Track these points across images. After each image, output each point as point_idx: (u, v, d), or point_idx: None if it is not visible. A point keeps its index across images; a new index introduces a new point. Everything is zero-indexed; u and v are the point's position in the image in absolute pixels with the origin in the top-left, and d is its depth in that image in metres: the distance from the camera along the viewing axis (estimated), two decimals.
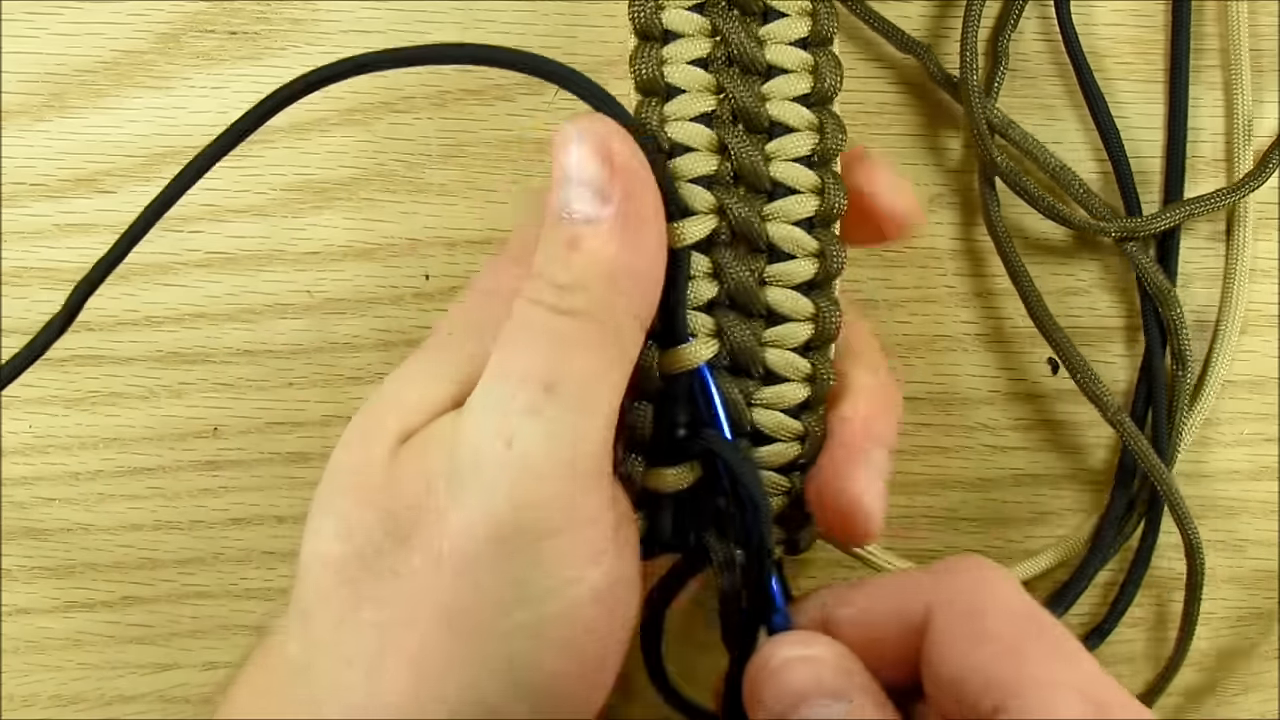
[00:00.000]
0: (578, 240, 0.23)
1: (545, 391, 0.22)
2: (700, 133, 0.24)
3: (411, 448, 0.23)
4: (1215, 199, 0.35)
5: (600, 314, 0.22)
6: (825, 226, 0.25)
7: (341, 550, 0.23)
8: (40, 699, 0.36)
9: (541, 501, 0.21)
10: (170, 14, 0.35)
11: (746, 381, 0.25)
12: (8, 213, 0.35)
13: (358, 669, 0.22)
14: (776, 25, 0.25)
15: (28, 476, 0.36)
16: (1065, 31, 0.35)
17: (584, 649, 0.22)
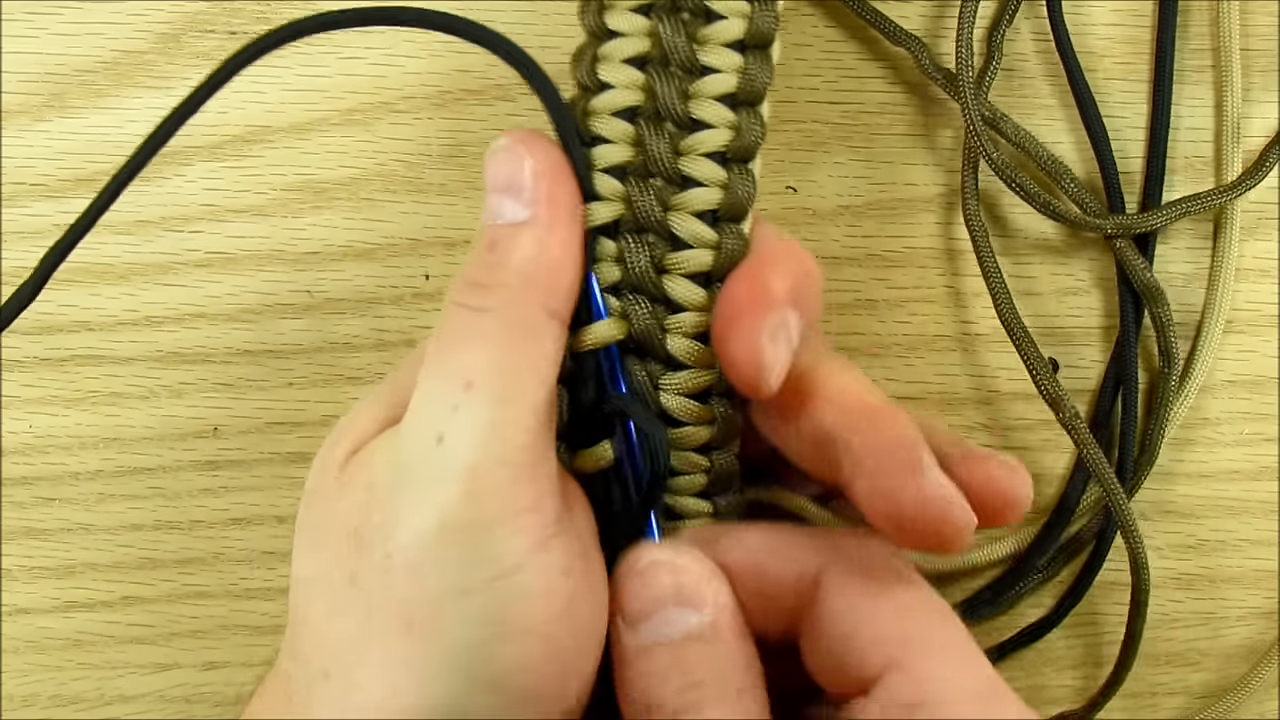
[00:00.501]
0: (495, 243, 0.24)
1: (466, 388, 0.23)
2: (618, 126, 0.26)
3: (357, 460, 0.24)
4: (1211, 197, 0.35)
5: (515, 310, 0.24)
6: (731, 220, 0.26)
7: (310, 566, 0.24)
8: (40, 699, 0.36)
9: (475, 494, 0.22)
10: (170, 14, 0.35)
11: (652, 365, 0.26)
12: (8, 213, 0.35)
13: (334, 681, 0.23)
14: (714, 27, 0.26)
15: (28, 476, 0.36)
16: (1057, 31, 0.35)
17: (544, 640, 0.23)
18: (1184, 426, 0.37)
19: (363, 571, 0.23)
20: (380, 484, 0.23)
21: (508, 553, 0.22)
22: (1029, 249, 0.36)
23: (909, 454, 0.23)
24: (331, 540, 0.24)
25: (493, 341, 0.23)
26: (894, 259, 0.36)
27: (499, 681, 0.23)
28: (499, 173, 0.25)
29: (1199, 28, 0.36)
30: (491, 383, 0.23)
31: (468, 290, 0.24)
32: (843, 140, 0.36)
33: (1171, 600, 0.37)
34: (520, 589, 0.23)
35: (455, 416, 0.23)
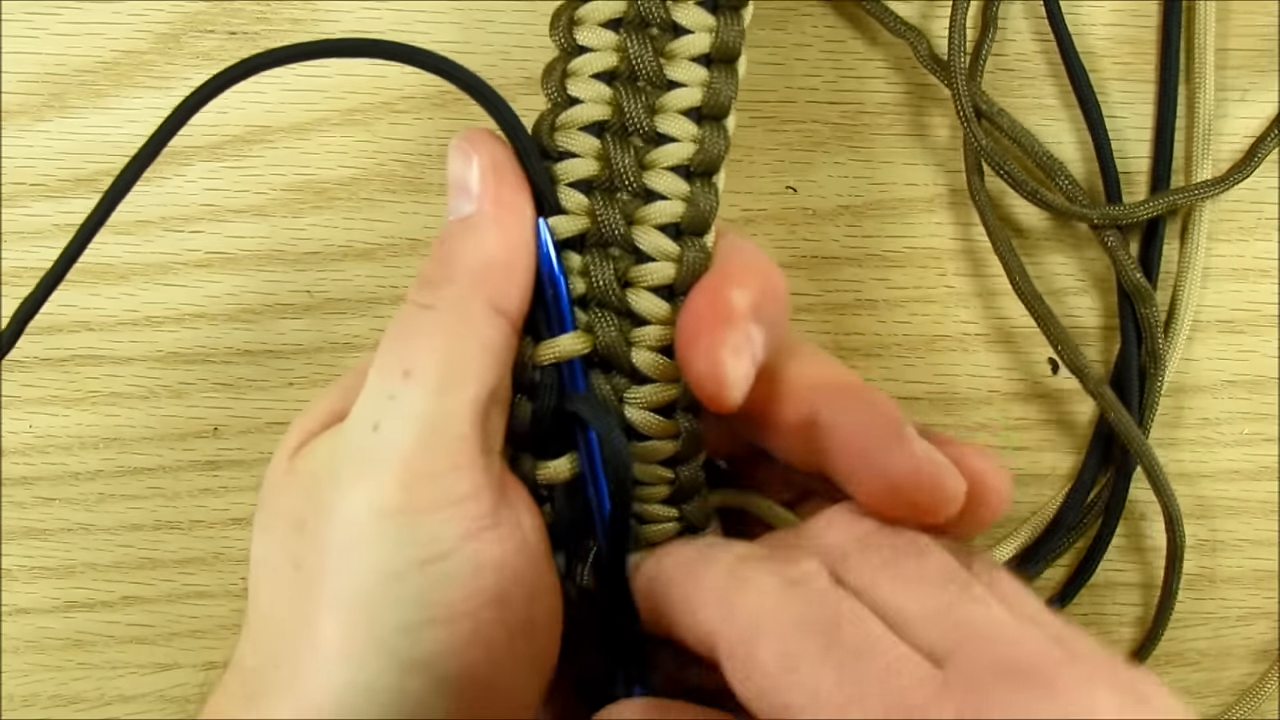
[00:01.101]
0: (445, 239, 0.25)
1: (404, 377, 0.23)
2: (585, 140, 0.26)
3: (305, 450, 0.25)
4: (1200, 190, 0.35)
5: (459, 303, 0.24)
6: (694, 234, 0.26)
7: (261, 554, 0.25)
8: (40, 699, 0.36)
9: (407, 481, 0.23)
10: (170, 14, 0.35)
11: (617, 378, 0.26)
12: (8, 213, 0.35)
13: (284, 668, 0.23)
14: (680, 41, 0.26)
15: (28, 476, 0.36)
16: (1057, 29, 0.35)
17: (473, 626, 0.23)
18: (1184, 427, 0.37)
19: (305, 559, 0.24)
20: (322, 472, 0.24)
21: (438, 539, 0.23)
22: (1025, 249, 0.36)
23: (895, 425, 0.24)
24: (279, 527, 0.24)
25: (433, 334, 0.24)
26: (894, 259, 0.36)
27: (428, 664, 0.23)
28: (451, 170, 0.25)
29: None
30: (428, 373, 0.23)
31: (419, 287, 0.25)
32: (843, 140, 0.36)
33: None
34: (448, 574, 0.23)
35: (391, 405, 0.23)
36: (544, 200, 0.26)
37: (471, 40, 0.35)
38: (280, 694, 0.23)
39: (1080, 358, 0.34)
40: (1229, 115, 0.36)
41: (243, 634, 0.25)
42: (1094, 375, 0.34)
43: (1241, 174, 0.35)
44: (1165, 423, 0.37)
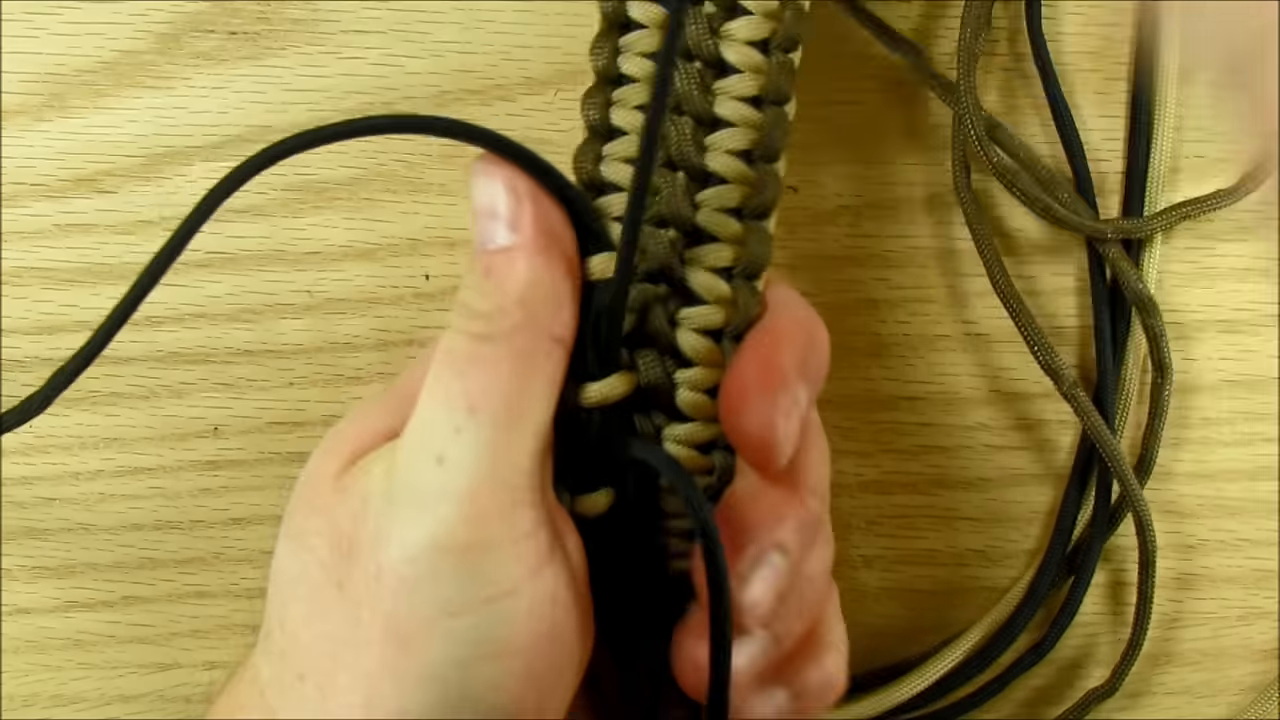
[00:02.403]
0: (491, 269, 0.24)
1: (469, 412, 0.23)
2: (631, 174, 0.25)
3: (355, 470, 0.24)
4: (1212, 201, 0.35)
5: (516, 336, 0.23)
6: (746, 278, 0.25)
7: (295, 568, 0.24)
8: (40, 699, 0.36)
9: (473, 516, 0.22)
10: (170, 14, 0.35)
11: (658, 416, 0.26)
12: (8, 213, 0.35)
13: (310, 683, 0.23)
14: (729, 80, 0.25)
15: (28, 476, 0.36)
16: (1035, 39, 0.35)
17: (527, 662, 0.23)
18: (1184, 427, 0.37)
19: (351, 580, 0.23)
20: (377, 495, 0.23)
21: (502, 577, 0.23)
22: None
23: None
24: (321, 545, 0.24)
25: (497, 367, 0.23)
26: (894, 259, 0.36)
27: (478, 699, 0.23)
28: (482, 196, 0.24)
29: None
30: (495, 407, 0.23)
31: (469, 318, 0.24)
32: (843, 139, 0.36)
33: (1171, 600, 0.37)
34: (510, 612, 0.23)
35: (457, 439, 0.23)
36: (592, 234, 0.25)
37: (472, 40, 0.35)
38: (307, 710, 0.23)
39: (1056, 360, 0.34)
40: None
41: (258, 648, 0.25)
42: (1069, 378, 0.34)
43: (1253, 182, 0.35)
44: (1165, 422, 0.37)
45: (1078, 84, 0.36)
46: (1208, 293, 0.37)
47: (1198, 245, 0.37)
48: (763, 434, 0.24)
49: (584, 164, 0.25)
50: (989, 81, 0.36)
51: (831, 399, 0.36)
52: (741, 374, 0.24)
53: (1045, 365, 0.34)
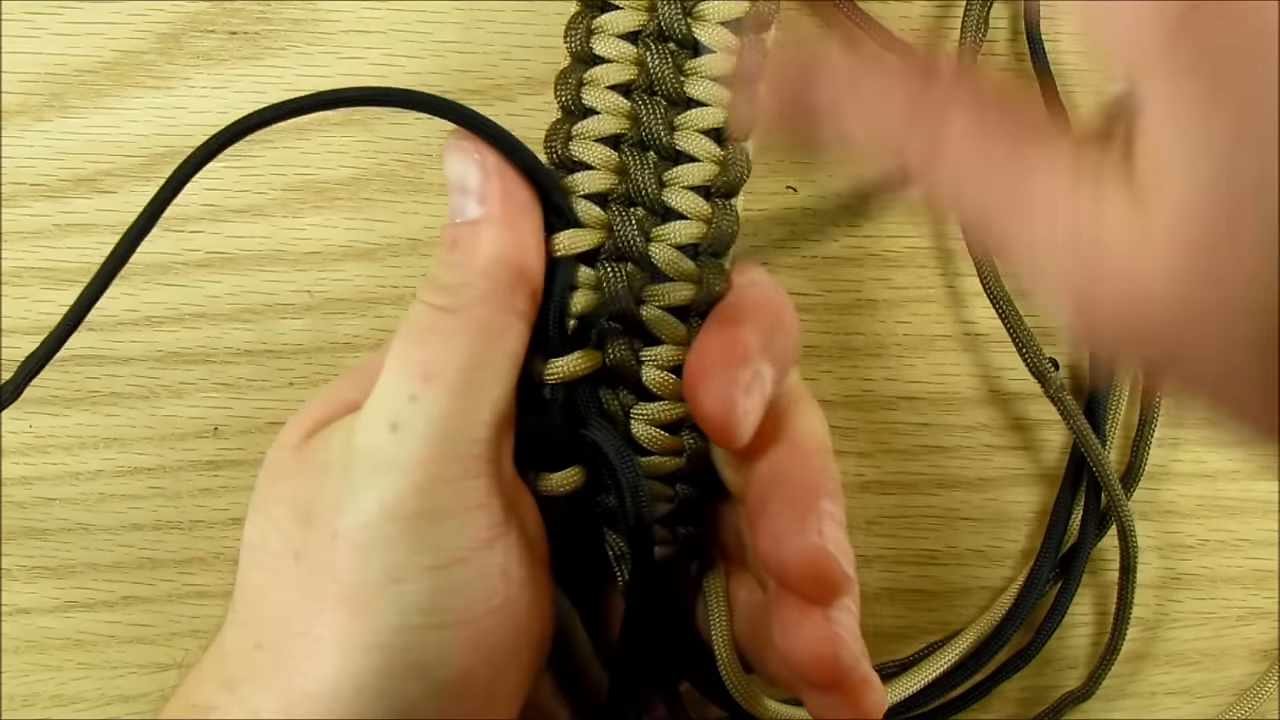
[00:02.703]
0: (457, 241, 0.24)
1: (425, 380, 0.23)
2: (601, 152, 0.26)
3: (315, 439, 0.25)
4: None
5: (478, 308, 0.24)
6: (712, 255, 0.26)
7: (256, 538, 0.25)
8: (40, 699, 0.36)
9: (424, 485, 0.23)
10: (170, 14, 0.35)
11: (624, 393, 0.26)
12: (8, 213, 0.35)
13: (266, 652, 0.23)
14: (701, 60, 0.26)
15: (28, 476, 0.36)
16: (1032, 40, 0.35)
17: (476, 634, 0.23)
18: (1184, 426, 0.37)
19: (307, 549, 0.23)
20: (335, 465, 0.23)
21: (451, 545, 0.23)
22: None
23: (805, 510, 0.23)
24: (281, 514, 0.24)
25: (456, 337, 0.24)
26: (894, 259, 0.36)
27: (425, 668, 0.23)
28: (453, 171, 0.25)
29: None
30: (451, 377, 0.23)
31: (434, 290, 0.24)
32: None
33: (1171, 600, 0.37)
34: (458, 582, 0.23)
35: (412, 407, 0.23)
36: (559, 211, 0.25)
37: (472, 40, 0.35)
38: (262, 679, 0.23)
39: (1043, 362, 0.34)
40: None
41: (227, 619, 0.25)
42: (1055, 381, 0.34)
43: None
44: (1165, 422, 0.37)
45: (1078, 84, 0.36)
46: None
47: None
48: (723, 410, 0.23)
49: (554, 143, 0.26)
50: None
51: (831, 399, 0.36)
52: (703, 349, 0.24)
53: (1033, 368, 0.34)
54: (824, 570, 0.23)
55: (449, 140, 0.25)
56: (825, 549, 0.23)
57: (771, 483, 0.24)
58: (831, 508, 0.24)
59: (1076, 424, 0.35)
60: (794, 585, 0.23)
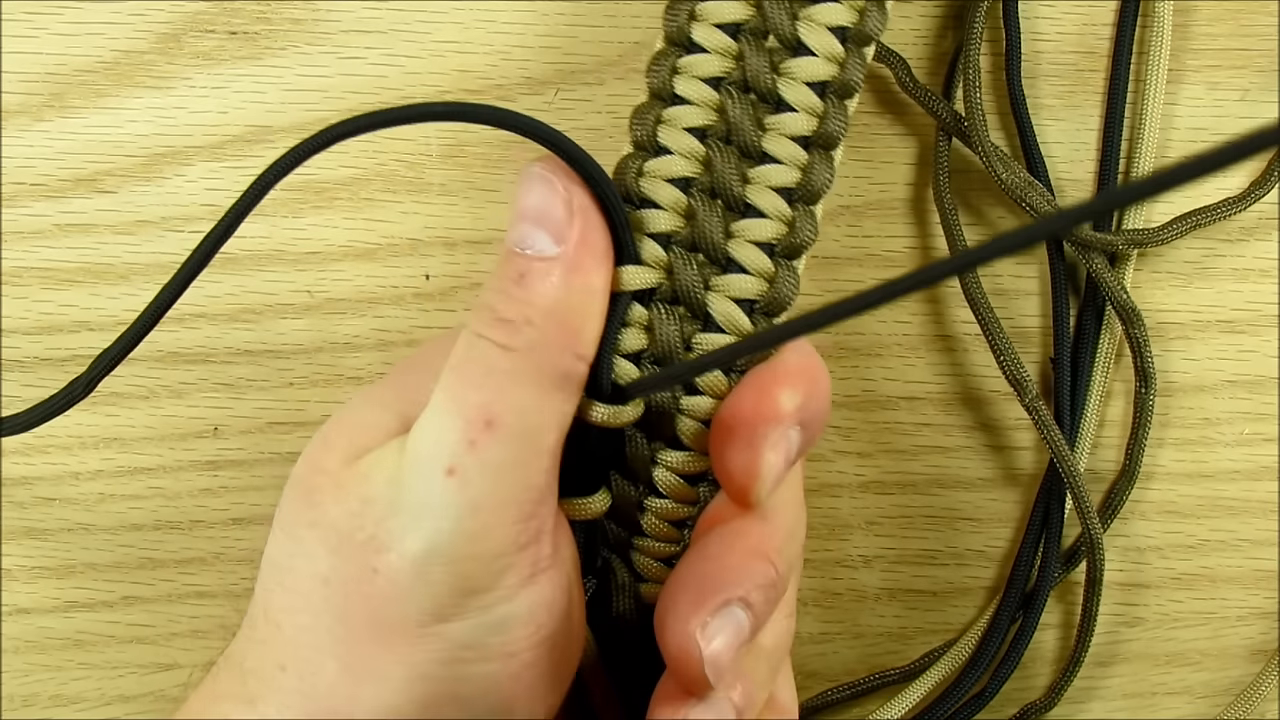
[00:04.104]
0: (526, 276, 0.23)
1: (486, 426, 0.22)
2: (670, 193, 0.25)
3: (356, 468, 0.24)
4: (1220, 210, 0.35)
5: (540, 351, 0.23)
6: (767, 315, 0.25)
7: (282, 558, 0.24)
8: (40, 699, 0.36)
9: (476, 530, 0.22)
10: (170, 14, 0.35)
11: (657, 442, 0.25)
12: (8, 213, 0.35)
13: (291, 674, 0.23)
14: (784, 117, 0.25)
15: (28, 476, 0.36)
16: (1010, 35, 0.35)
17: (518, 669, 0.23)
18: (1184, 427, 0.37)
19: (338, 577, 0.23)
20: (379, 500, 0.23)
21: (500, 586, 0.23)
22: None
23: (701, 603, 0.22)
24: (311, 538, 0.24)
25: (519, 381, 0.23)
26: (894, 259, 0.36)
27: (467, 699, 0.23)
28: (533, 200, 0.24)
29: (1200, 27, 0.36)
30: (513, 423, 0.22)
31: (494, 325, 0.23)
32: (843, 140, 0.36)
33: (1172, 600, 0.37)
34: (505, 619, 0.23)
35: (471, 451, 0.22)
36: (622, 245, 0.25)
37: (472, 40, 0.35)
38: (287, 698, 0.23)
39: (1021, 370, 0.34)
40: (1228, 115, 0.36)
41: (242, 634, 0.25)
42: (1032, 390, 0.34)
43: (1261, 190, 0.35)
44: (1165, 423, 0.37)
45: (1077, 84, 0.36)
46: (1208, 293, 0.37)
47: (1198, 245, 0.37)
48: (748, 463, 0.23)
49: (625, 177, 0.25)
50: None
51: (832, 399, 0.36)
52: (738, 401, 0.24)
53: (1010, 376, 0.34)
54: (684, 666, 0.22)
55: (535, 165, 0.24)
56: (691, 645, 0.22)
57: (691, 561, 0.24)
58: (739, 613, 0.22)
59: (1050, 434, 0.34)
60: (668, 664, 0.23)
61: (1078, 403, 0.36)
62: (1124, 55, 0.36)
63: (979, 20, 0.34)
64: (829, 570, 0.36)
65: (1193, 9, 0.36)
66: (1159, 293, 0.36)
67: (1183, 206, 0.36)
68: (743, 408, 0.24)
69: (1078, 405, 0.36)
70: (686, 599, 0.22)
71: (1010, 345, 0.34)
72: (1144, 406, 0.36)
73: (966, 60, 0.34)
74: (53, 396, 0.29)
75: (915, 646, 0.37)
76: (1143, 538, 0.37)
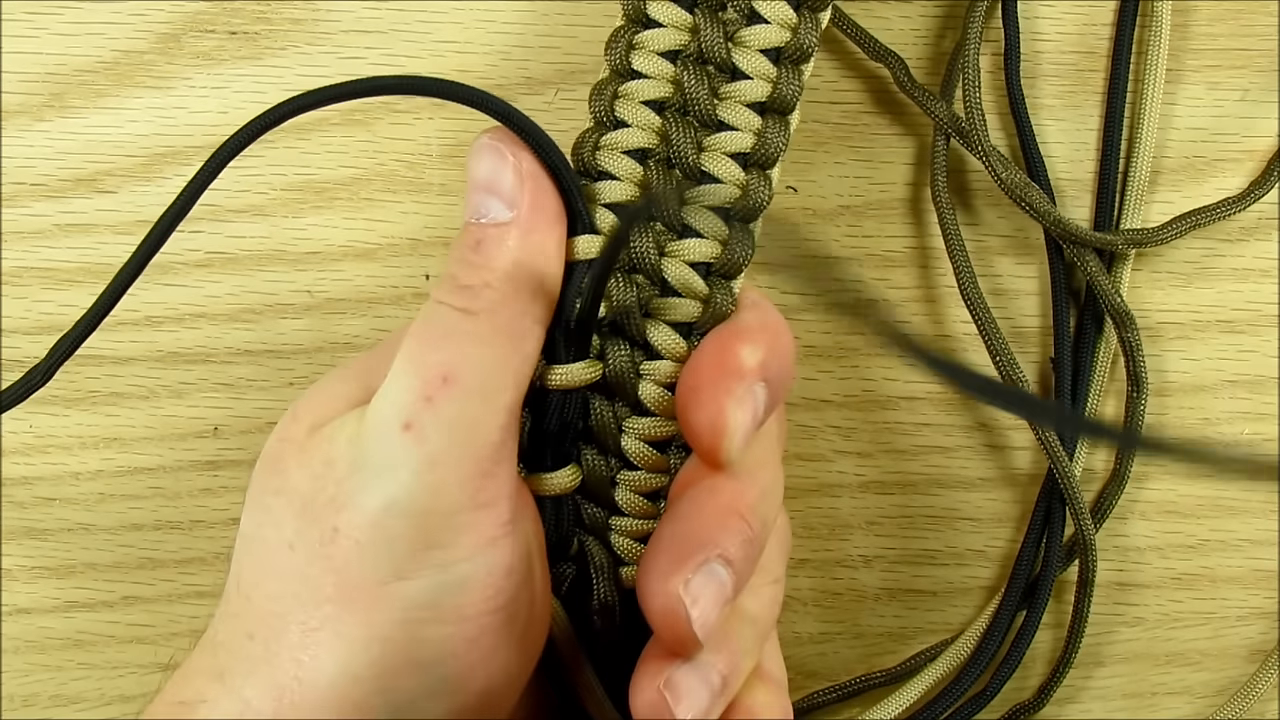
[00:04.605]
0: (481, 243, 0.24)
1: (443, 382, 0.23)
2: (627, 164, 0.26)
3: (321, 434, 0.24)
4: (1219, 210, 0.35)
5: (499, 312, 0.24)
6: (723, 277, 0.26)
7: (253, 529, 0.24)
8: (40, 699, 0.36)
9: (433, 485, 0.23)
10: (170, 14, 0.35)
11: (620, 405, 0.26)
12: (8, 213, 0.35)
13: (257, 642, 0.23)
14: (738, 85, 0.26)
15: (28, 476, 0.36)
16: (1009, 35, 0.35)
17: (476, 631, 0.23)
18: (1184, 427, 0.37)
19: (304, 540, 0.23)
20: (340, 460, 0.23)
21: (457, 544, 0.23)
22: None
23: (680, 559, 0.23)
24: (277, 505, 0.24)
25: (475, 340, 0.23)
26: (894, 259, 0.36)
27: (423, 664, 0.23)
28: (483, 170, 0.25)
29: (1199, 27, 0.36)
30: (469, 380, 0.23)
31: (453, 290, 0.24)
32: (843, 140, 0.36)
33: (1172, 600, 0.37)
34: (462, 579, 0.23)
35: (427, 408, 0.23)
36: (577, 217, 0.25)
37: (472, 40, 0.35)
38: (253, 668, 0.23)
39: (1017, 371, 0.34)
40: (1228, 115, 0.36)
41: (217, 611, 0.25)
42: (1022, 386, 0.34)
43: (1261, 190, 0.35)
44: (1165, 423, 0.37)
45: (1076, 84, 0.36)
46: (1208, 293, 0.37)
47: (1198, 245, 0.37)
48: (714, 420, 0.23)
49: (583, 151, 0.26)
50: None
51: (831, 399, 0.36)
52: (699, 360, 0.24)
53: (1004, 376, 0.34)
54: (671, 626, 0.22)
55: (483, 137, 0.25)
56: (675, 604, 0.22)
57: (667, 523, 0.24)
58: (720, 570, 0.23)
59: (1044, 436, 0.34)
60: (653, 627, 0.23)
61: (1077, 403, 0.36)
62: (1123, 55, 0.36)
63: (978, 20, 0.34)
64: (829, 570, 0.36)
65: (1192, 9, 0.36)
66: (1159, 293, 0.36)
67: (1182, 206, 0.36)
68: (704, 366, 0.24)
69: (1077, 406, 0.36)
70: (666, 559, 0.23)
71: (1006, 345, 0.34)
72: (1135, 411, 0.36)
73: (965, 60, 0.34)
74: (12, 385, 0.29)
75: (915, 647, 0.37)
76: (1143, 537, 0.37)
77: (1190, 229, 0.35)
